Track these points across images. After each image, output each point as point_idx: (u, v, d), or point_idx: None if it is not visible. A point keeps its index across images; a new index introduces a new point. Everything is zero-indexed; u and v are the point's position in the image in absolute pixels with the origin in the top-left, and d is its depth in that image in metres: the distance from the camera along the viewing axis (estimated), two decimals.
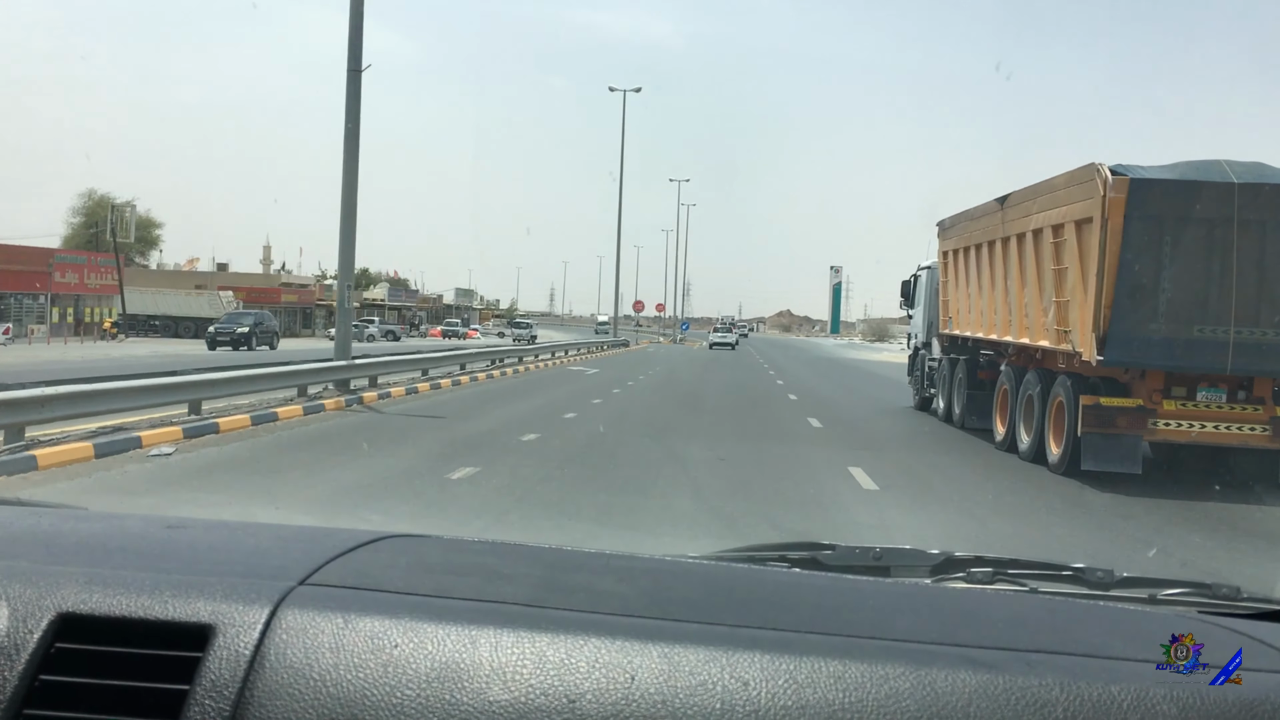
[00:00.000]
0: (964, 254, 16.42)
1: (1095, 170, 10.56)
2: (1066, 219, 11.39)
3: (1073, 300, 11.17)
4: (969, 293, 16.18)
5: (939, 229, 18.50)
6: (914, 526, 8.15)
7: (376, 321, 67.41)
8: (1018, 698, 0.97)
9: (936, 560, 1.78)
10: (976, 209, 15.71)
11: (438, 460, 10.71)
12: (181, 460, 10.18)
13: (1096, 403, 10.86)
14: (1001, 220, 14.07)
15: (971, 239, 15.84)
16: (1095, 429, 10.81)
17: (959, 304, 16.84)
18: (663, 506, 8.47)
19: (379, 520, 7.20)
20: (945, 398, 17.74)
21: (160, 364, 22.16)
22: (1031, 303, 12.65)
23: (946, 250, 17.72)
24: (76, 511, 1.58)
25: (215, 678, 0.96)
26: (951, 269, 17.32)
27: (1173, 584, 1.68)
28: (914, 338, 21.36)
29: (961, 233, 16.57)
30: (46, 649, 1.00)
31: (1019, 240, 13.29)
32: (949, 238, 17.55)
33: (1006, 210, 13.89)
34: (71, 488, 8.29)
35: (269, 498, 8.33)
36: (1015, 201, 13.55)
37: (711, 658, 0.99)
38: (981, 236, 15.21)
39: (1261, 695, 1.00)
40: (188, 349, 39.17)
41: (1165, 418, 10.81)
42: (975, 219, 15.73)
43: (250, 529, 1.47)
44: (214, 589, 1.06)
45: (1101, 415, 10.80)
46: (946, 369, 17.80)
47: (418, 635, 1.00)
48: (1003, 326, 14.08)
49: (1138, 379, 10.97)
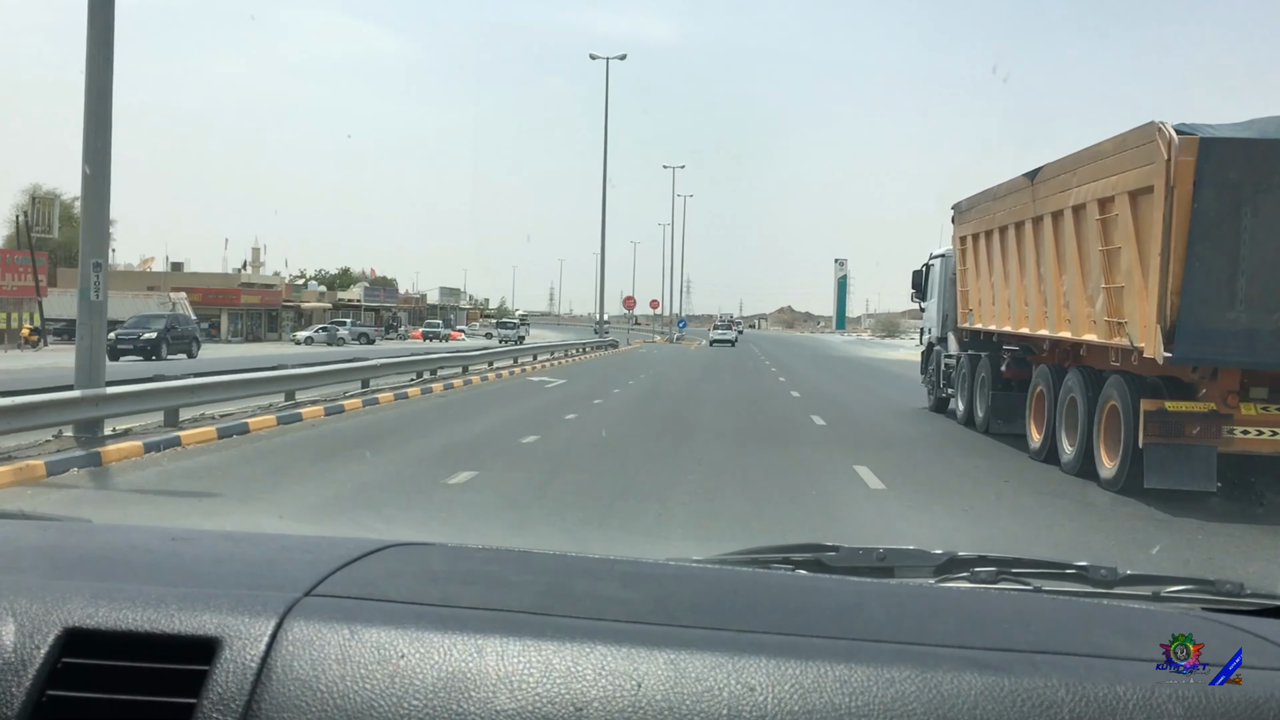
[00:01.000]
0: (985, 238, 14.67)
1: (1157, 130, 8.81)
2: (1118, 190, 9.63)
3: (1128, 286, 9.41)
4: (992, 282, 14.42)
5: (955, 212, 16.74)
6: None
7: (349, 324, 63.59)
8: (1024, 699, 0.96)
9: (940, 560, 1.76)
10: (1000, 186, 13.96)
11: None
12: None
13: (1160, 408, 9.10)
14: (1032, 198, 12.32)
15: (994, 221, 14.09)
16: (1160, 439, 9.06)
17: (980, 295, 15.08)
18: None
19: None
20: (965, 399, 15.99)
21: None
22: (1073, 291, 10.90)
23: (964, 235, 15.96)
24: (81, 524, 1.60)
25: (222, 691, 0.96)
26: (971, 256, 15.57)
27: (1176, 581, 1.67)
28: (928, 332, 19.59)
29: (982, 214, 14.81)
30: (53, 664, 1.00)
31: (1054, 219, 11.53)
32: (967, 221, 15.79)
33: (1038, 186, 12.14)
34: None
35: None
36: (1049, 175, 11.79)
37: (717, 663, 0.99)
38: (1007, 218, 13.45)
39: (1266, 693, 0.99)
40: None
41: (1244, 424, 9.06)
42: (999, 198, 13.97)
43: (255, 540, 1.48)
44: (220, 601, 1.06)
45: (1168, 423, 9.05)
46: (966, 367, 16.04)
47: (424, 645, 1.00)
48: (1035, 319, 12.32)
49: (1207, 379, 9.21)
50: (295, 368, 17.18)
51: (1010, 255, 13.38)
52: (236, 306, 61.58)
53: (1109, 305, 9.86)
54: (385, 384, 20.10)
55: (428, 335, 70.45)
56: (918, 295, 20.01)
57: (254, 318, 63.91)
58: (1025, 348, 14.42)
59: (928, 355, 19.34)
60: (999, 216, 13.89)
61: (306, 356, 25.29)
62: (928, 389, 19.21)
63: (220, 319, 60.00)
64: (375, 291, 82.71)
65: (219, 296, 60.40)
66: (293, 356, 26.92)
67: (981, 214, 14.88)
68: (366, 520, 7.33)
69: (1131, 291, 9.32)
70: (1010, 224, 13.32)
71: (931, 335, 19.10)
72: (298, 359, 23.21)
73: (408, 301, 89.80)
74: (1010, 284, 13.41)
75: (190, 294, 54.89)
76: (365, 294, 79.89)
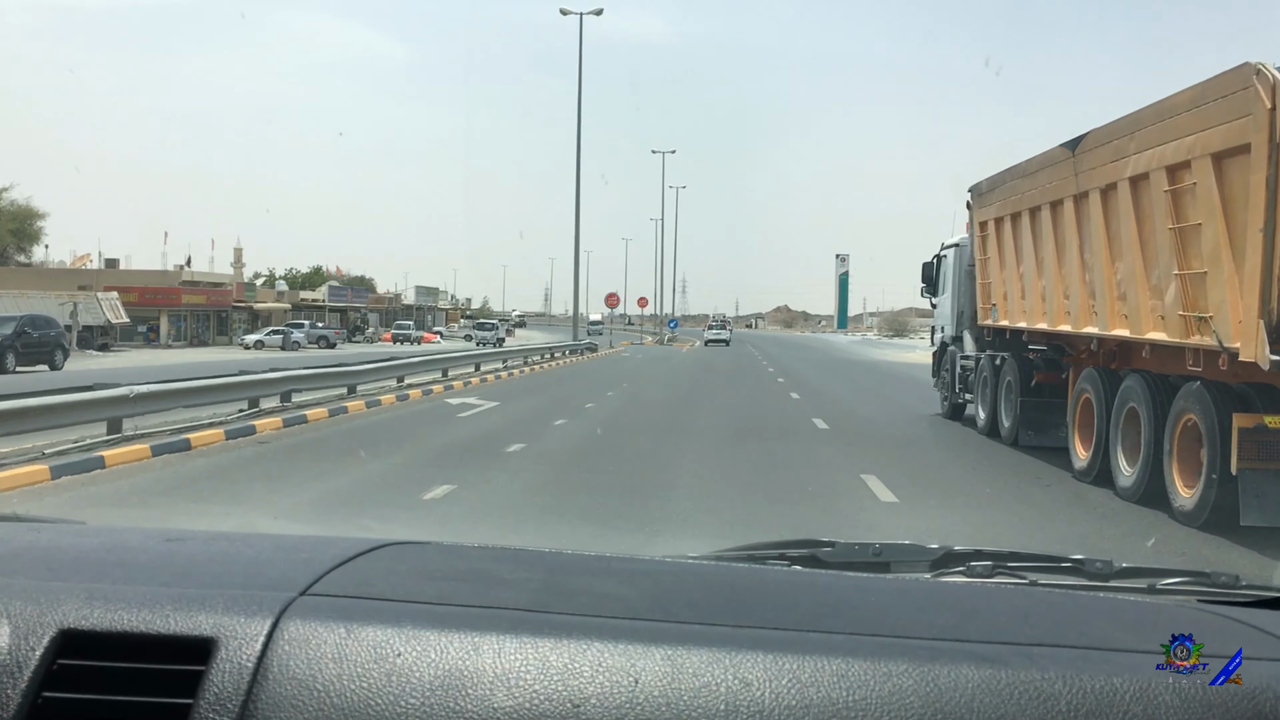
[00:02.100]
0: (1012, 223, 12.79)
1: (1255, 73, 6.94)
2: (1196, 153, 7.75)
3: (1213, 272, 7.53)
4: (1020, 273, 12.55)
5: (973, 195, 14.87)
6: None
7: (307, 325, 57.05)
8: (1021, 692, 0.97)
9: (936, 555, 1.76)
10: (1031, 161, 12.07)
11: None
12: None
13: (1260, 424, 7.23)
14: (1073, 171, 10.44)
15: (1024, 202, 12.20)
16: (1259, 463, 7.19)
17: (1006, 287, 13.20)
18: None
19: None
20: (987, 406, 14.11)
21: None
22: (1131, 280, 9.02)
23: (985, 220, 14.08)
24: (75, 526, 1.59)
25: (218, 691, 0.96)
26: (993, 243, 13.69)
27: (1171, 573, 1.66)
28: (939, 331, 17.69)
29: (1008, 195, 12.93)
30: (49, 665, 1.00)
31: (1104, 195, 9.66)
32: (988, 204, 13.91)
33: (1081, 157, 10.26)
34: None
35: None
36: (1096, 143, 9.91)
37: (715, 659, 0.99)
38: (1040, 197, 11.57)
39: (1263, 685, 0.99)
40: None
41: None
42: (1029, 175, 12.08)
43: (250, 539, 1.46)
44: (215, 601, 1.06)
45: (1269, 444, 7.18)
46: (987, 370, 14.17)
47: (420, 643, 1.00)
48: (1079, 314, 10.43)
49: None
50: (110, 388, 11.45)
51: (1044, 240, 11.50)
52: (177, 307, 55.07)
53: (1185, 297, 7.98)
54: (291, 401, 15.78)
55: (398, 338, 65.04)
56: (928, 290, 18.10)
57: (201, 320, 58.00)
58: (1057, 347, 12.57)
59: (940, 356, 17.45)
60: (1029, 196, 12.00)
61: (209, 368, 18.32)
62: (941, 394, 17.34)
63: (159, 321, 54.04)
64: (342, 291, 75.83)
65: (157, 296, 53.65)
66: (209, 366, 21.50)
67: (1007, 194, 12.99)
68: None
69: (1218, 279, 7.43)
70: (1044, 204, 11.43)
71: (944, 334, 17.22)
72: (166, 373, 17.93)
73: (380, 301, 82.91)
74: (1045, 274, 11.53)
75: (124, 294, 49.66)
76: (330, 293, 73.06)
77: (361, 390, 18.89)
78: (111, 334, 47.40)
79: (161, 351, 46.65)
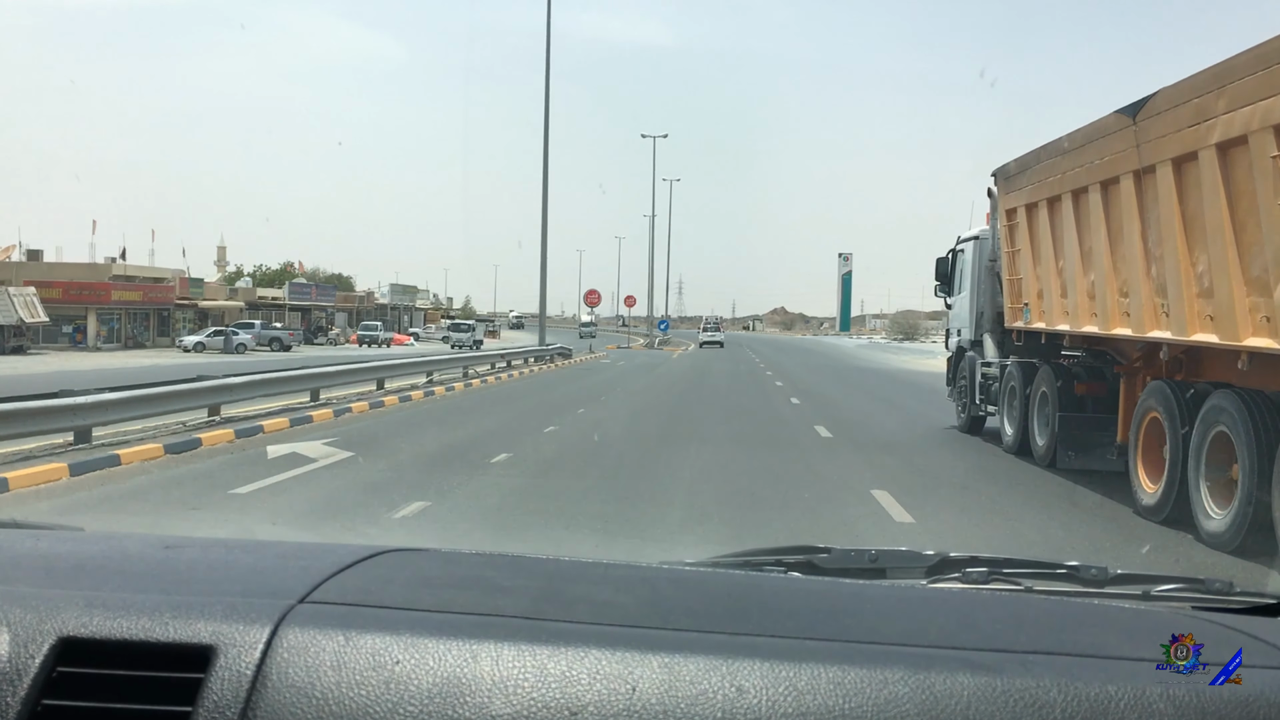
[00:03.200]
0: (1050, 209, 10.96)
1: None
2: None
3: None
4: (1060, 266, 10.72)
5: (997, 179, 13.03)
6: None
7: (258, 326, 51.72)
8: (1016, 699, 0.97)
9: (932, 561, 1.74)
10: (1074, 135, 10.22)
11: None
12: None
13: None
14: (1134, 142, 8.60)
15: (1065, 183, 10.36)
16: None
17: (1041, 284, 11.36)
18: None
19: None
20: (1015, 420, 12.27)
21: None
22: (1222, 271, 7.17)
23: (1014, 207, 12.25)
24: (74, 533, 1.57)
25: (217, 699, 0.96)
26: (1024, 234, 11.86)
27: (1166, 580, 1.66)
28: (955, 334, 15.85)
29: (1045, 176, 11.08)
30: (48, 673, 1.00)
31: (1180, 167, 7.83)
32: (1018, 189, 12.08)
33: (1145, 124, 8.42)
34: None
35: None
36: (1168, 104, 8.07)
37: (711, 667, 0.99)
38: (1088, 176, 9.73)
39: (1258, 692, 1.00)
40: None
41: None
42: (1072, 151, 10.23)
43: (248, 546, 1.46)
44: (214, 609, 1.05)
45: None
46: (1015, 379, 12.34)
47: (419, 651, 0.99)
48: (1143, 316, 8.58)
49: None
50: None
51: (1093, 228, 9.67)
52: (107, 305, 48.82)
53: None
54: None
55: (364, 340, 59.62)
56: (942, 289, 16.25)
57: (139, 319, 51.78)
58: (1098, 353, 10.79)
59: (957, 362, 15.61)
60: (1072, 176, 10.16)
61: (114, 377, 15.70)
62: (957, 405, 15.48)
63: (87, 321, 48.26)
64: (306, 288, 68.87)
65: (83, 293, 47.53)
66: (131, 373, 19.05)
67: (1043, 175, 11.14)
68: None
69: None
70: (1093, 184, 9.60)
71: (961, 337, 15.39)
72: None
73: (350, 300, 76.04)
74: (1094, 268, 9.69)
75: (46, 289, 44.76)
76: (292, 291, 66.26)
77: (227, 414, 14.21)
78: (27, 335, 43.28)
79: (81, 355, 41.26)
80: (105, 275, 50.08)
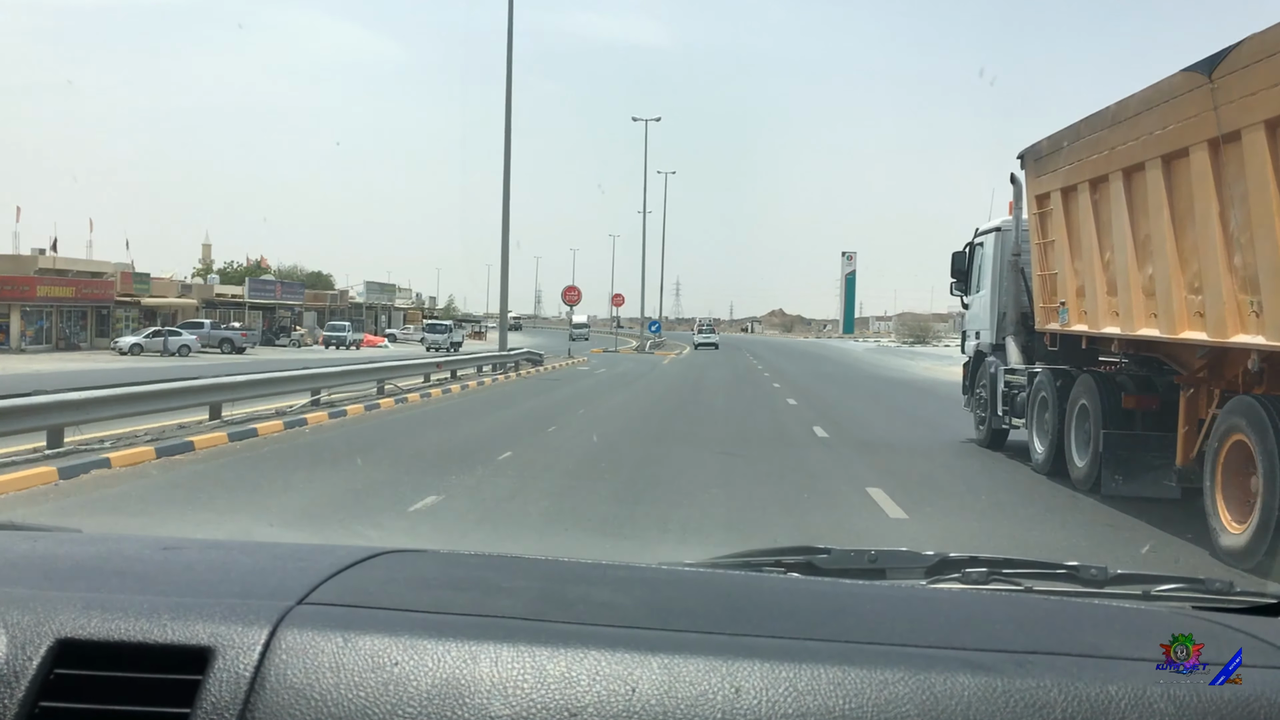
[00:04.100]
0: (1093, 191, 9.39)
1: None
2: None
3: None
4: (1107, 259, 9.15)
5: (1026, 161, 11.46)
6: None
7: (207, 326, 47.00)
8: (1016, 700, 0.96)
9: (931, 562, 1.73)
10: (1128, 103, 8.63)
11: None
12: None
13: None
14: (1211, 104, 7.03)
15: (1117, 159, 8.78)
16: None
17: (1082, 279, 9.78)
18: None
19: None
20: (1047, 436, 10.70)
21: None
22: None
23: (1047, 192, 10.67)
24: (72, 535, 1.55)
25: (216, 700, 0.95)
26: (1060, 222, 10.28)
27: (1166, 580, 1.64)
28: (974, 337, 14.27)
29: (1088, 153, 9.48)
30: (46, 675, 0.99)
31: (1274, 132, 6.27)
32: (1053, 170, 10.50)
33: (1224, 82, 6.85)
34: None
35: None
36: (1256, 55, 6.49)
37: (711, 667, 0.98)
38: (1147, 149, 8.15)
39: (1258, 691, 0.98)
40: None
41: None
42: (1127, 120, 8.64)
43: (246, 548, 1.45)
44: (212, 611, 1.05)
45: None
46: (1046, 388, 10.78)
47: (417, 652, 0.99)
48: (1224, 317, 6.98)
49: None
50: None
51: (1152, 211, 8.10)
52: (32, 301, 43.44)
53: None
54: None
55: (330, 341, 54.80)
56: (958, 286, 14.69)
57: (73, 317, 46.32)
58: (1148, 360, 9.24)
59: (975, 368, 14.03)
60: (1125, 151, 8.59)
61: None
62: (975, 416, 13.89)
63: (10, 319, 42.94)
64: (269, 285, 62.30)
65: (6, 288, 42.42)
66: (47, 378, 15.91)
67: (1086, 153, 9.55)
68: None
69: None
70: (1152, 159, 8.03)
71: (980, 340, 13.83)
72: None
73: (320, 299, 69.66)
74: (1154, 259, 8.11)
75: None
76: (252, 289, 59.68)
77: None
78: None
79: (3, 358, 35.95)
80: (31, 268, 44.67)
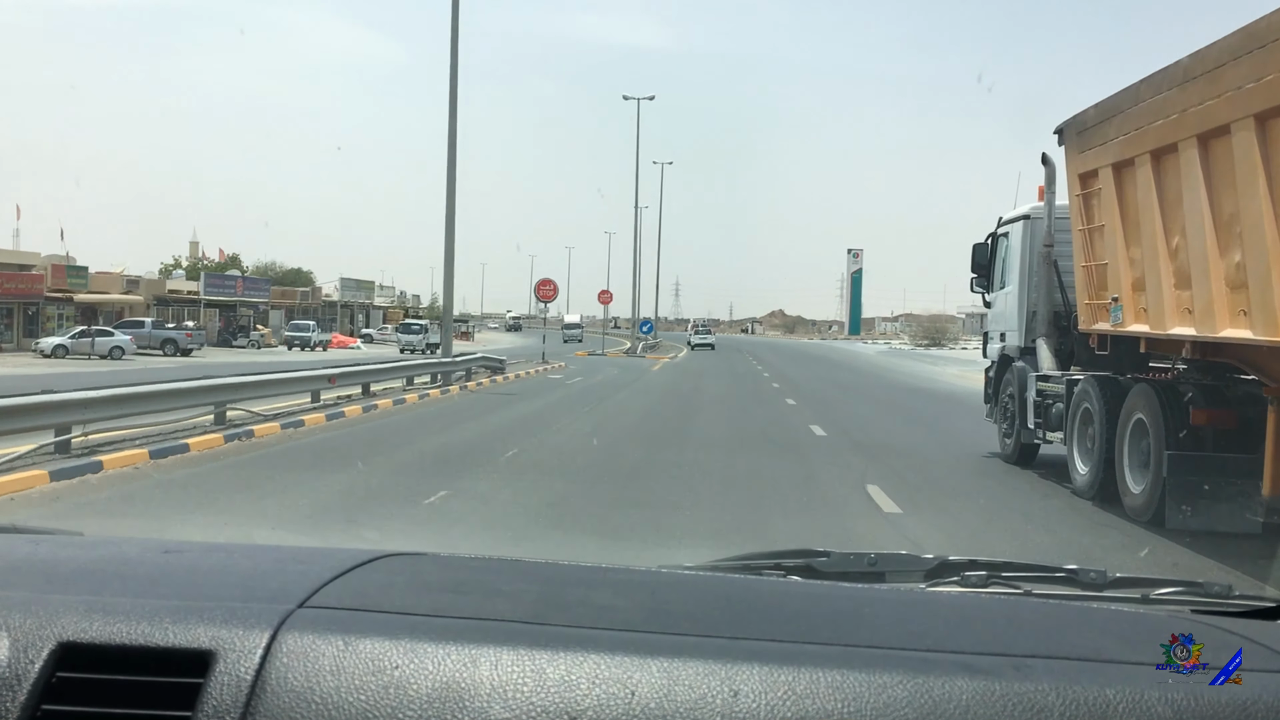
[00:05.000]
0: (1155, 165, 7.82)
1: None
2: None
3: None
4: (1175, 245, 7.59)
5: (1067, 134, 9.88)
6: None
7: (147, 325, 42.35)
8: (1014, 703, 0.95)
9: (930, 565, 1.74)
10: (1206, 52, 7.06)
11: None
12: None
13: None
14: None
15: (1189, 124, 7.20)
16: None
17: (1142, 270, 8.22)
18: None
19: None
20: (1092, 456, 9.12)
21: None
22: None
23: (1094, 169, 9.11)
24: (73, 538, 1.56)
25: (217, 703, 0.94)
26: (1112, 203, 8.71)
27: (1165, 583, 1.64)
28: (999, 339, 12.67)
29: (1153, 118, 7.88)
30: (48, 679, 0.98)
31: None
32: (1102, 142, 8.92)
33: None
34: None
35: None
36: None
37: (710, 671, 0.98)
38: (1233, 109, 6.58)
39: (1256, 695, 0.98)
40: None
41: None
42: (1204, 76, 7.05)
43: (247, 551, 1.46)
44: (213, 614, 1.05)
45: None
46: (1092, 398, 9.20)
47: (418, 656, 0.99)
48: None
49: None
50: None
51: (1240, 184, 6.53)
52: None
53: None
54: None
55: (291, 342, 50.36)
56: (979, 282, 13.12)
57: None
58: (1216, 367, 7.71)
59: (1000, 374, 12.44)
60: (1201, 114, 7.01)
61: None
62: (1001, 429, 12.30)
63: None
64: (226, 281, 56.58)
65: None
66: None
67: (1148, 118, 7.96)
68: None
69: None
70: (1239, 120, 6.46)
71: (1006, 343, 12.25)
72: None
73: (289, 296, 63.93)
74: (1246, 243, 6.52)
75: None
76: (208, 285, 53.72)
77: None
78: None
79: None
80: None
